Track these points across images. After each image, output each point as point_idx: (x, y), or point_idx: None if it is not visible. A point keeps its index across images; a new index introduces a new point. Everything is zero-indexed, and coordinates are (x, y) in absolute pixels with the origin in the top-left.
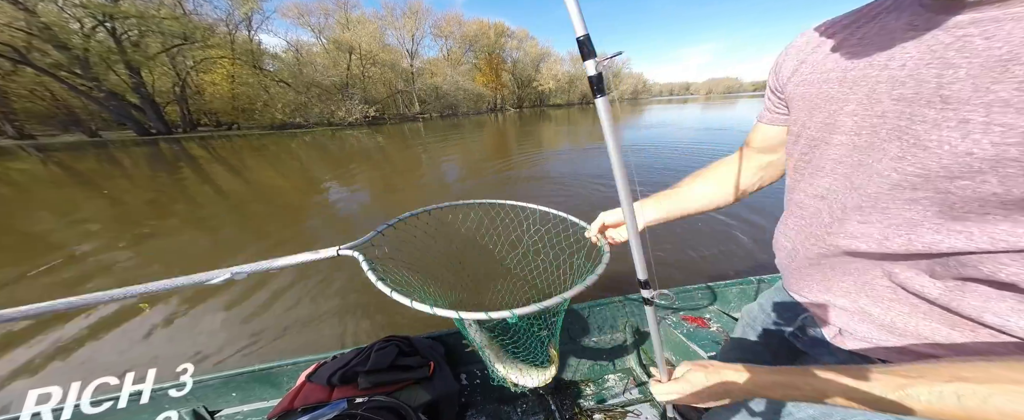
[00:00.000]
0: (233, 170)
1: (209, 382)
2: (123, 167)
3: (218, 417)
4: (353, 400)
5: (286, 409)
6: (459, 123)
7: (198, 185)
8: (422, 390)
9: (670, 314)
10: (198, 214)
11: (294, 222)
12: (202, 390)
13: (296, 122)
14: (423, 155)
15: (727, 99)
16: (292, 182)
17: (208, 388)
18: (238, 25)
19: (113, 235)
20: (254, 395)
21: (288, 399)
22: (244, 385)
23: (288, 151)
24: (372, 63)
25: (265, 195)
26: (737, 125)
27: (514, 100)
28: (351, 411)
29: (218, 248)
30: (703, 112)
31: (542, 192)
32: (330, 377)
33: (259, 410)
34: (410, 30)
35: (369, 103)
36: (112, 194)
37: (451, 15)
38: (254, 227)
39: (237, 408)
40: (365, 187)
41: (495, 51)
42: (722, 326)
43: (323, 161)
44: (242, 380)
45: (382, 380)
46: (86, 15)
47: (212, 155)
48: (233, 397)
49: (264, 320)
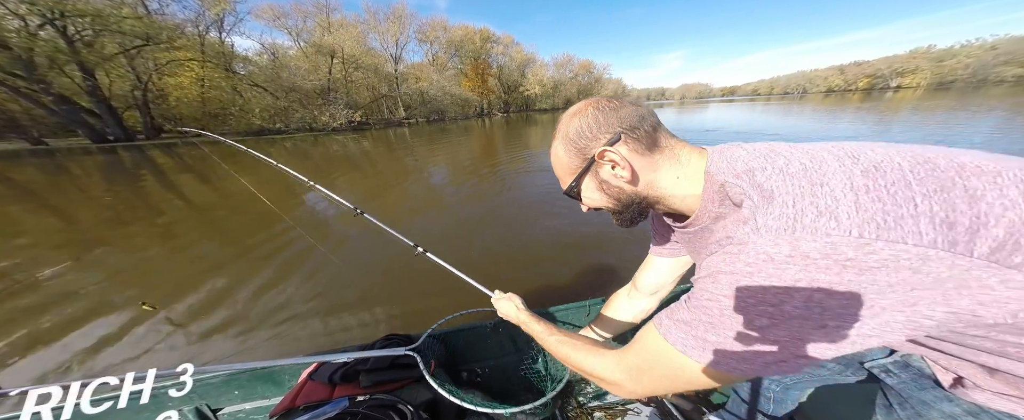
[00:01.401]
0: (202, 178)
1: (210, 380)
2: (73, 176)
3: (220, 415)
4: (354, 398)
5: (288, 407)
6: (447, 128)
7: (162, 193)
8: (423, 388)
9: None
10: (161, 224)
11: (266, 227)
12: (203, 388)
13: (276, 128)
14: (408, 158)
15: (699, 103)
16: (271, 189)
17: (209, 386)
18: (209, 26)
19: (58, 251)
20: (256, 393)
21: (290, 397)
22: (246, 383)
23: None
24: (355, 67)
25: (239, 203)
26: (725, 126)
27: (501, 105)
28: (352, 409)
29: (186, 261)
30: (679, 116)
31: (539, 183)
32: (331, 375)
33: (261, 408)
34: (394, 35)
35: (353, 108)
36: (59, 206)
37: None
38: (224, 235)
39: (239, 406)
40: (349, 190)
41: (481, 56)
42: None
43: (304, 168)
44: (244, 378)
45: (383, 379)
46: (31, 12)
47: (178, 163)
48: (235, 395)
49: (264, 321)
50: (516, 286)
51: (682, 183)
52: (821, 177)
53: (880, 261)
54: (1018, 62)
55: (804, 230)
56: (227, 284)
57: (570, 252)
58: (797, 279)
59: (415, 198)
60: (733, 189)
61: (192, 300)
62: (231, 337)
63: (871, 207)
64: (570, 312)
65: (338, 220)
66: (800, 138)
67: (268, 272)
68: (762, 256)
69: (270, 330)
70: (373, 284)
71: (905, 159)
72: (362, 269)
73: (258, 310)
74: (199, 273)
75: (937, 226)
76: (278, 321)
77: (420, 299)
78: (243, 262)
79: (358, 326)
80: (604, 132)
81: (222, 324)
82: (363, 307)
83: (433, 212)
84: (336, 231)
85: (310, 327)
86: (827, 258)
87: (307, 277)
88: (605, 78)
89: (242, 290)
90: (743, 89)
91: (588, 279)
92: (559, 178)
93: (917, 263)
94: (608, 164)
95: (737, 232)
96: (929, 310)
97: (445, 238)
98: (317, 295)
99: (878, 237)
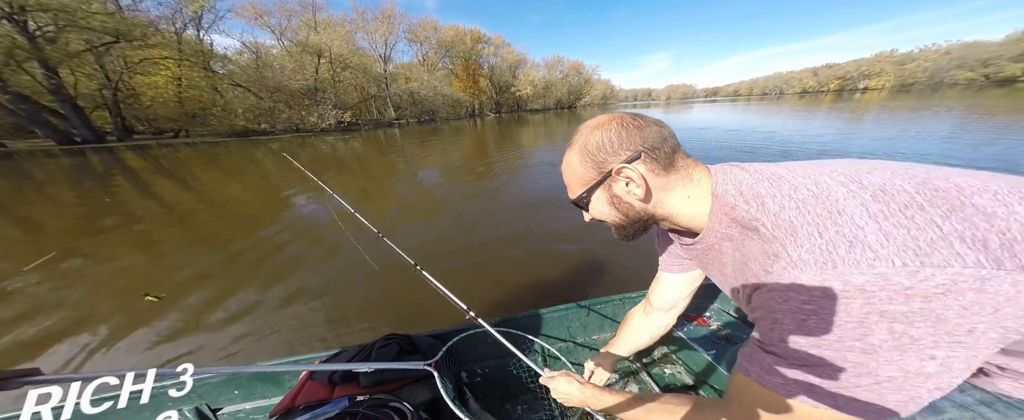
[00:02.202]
0: (180, 181)
1: (210, 380)
2: (36, 181)
3: (220, 415)
4: (354, 398)
5: (288, 407)
6: (438, 128)
7: (139, 199)
8: (423, 388)
9: None
10: (139, 230)
11: (251, 233)
12: (203, 388)
13: (262, 129)
14: (398, 160)
15: (684, 103)
16: (254, 193)
17: (210, 386)
18: (186, 24)
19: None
20: (256, 393)
21: (290, 397)
22: (246, 383)
23: (252, 159)
24: (343, 67)
25: (222, 207)
26: (718, 124)
27: (492, 105)
28: (352, 409)
29: (164, 269)
30: (666, 114)
31: (533, 176)
32: (331, 375)
33: (261, 408)
34: (383, 34)
35: (343, 108)
36: (20, 213)
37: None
38: (207, 240)
39: (239, 406)
40: (338, 192)
41: (472, 57)
42: (722, 323)
43: (289, 169)
44: (244, 378)
45: (383, 378)
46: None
47: (153, 165)
48: (235, 395)
49: (263, 319)
50: (515, 284)
51: (691, 203)
52: (834, 205)
53: (939, 286)
54: (968, 66)
55: (845, 264)
56: (216, 293)
57: (567, 253)
58: (867, 312)
59: (403, 198)
60: (743, 213)
61: (193, 300)
62: (231, 340)
63: (898, 234)
64: (570, 313)
65: (333, 222)
66: (787, 136)
67: (265, 276)
68: (816, 293)
69: (271, 331)
70: (375, 285)
71: (905, 181)
72: (364, 271)
73: (276, 308)
74: (187, 281)
75: (973, 246)
76: (279, 323)
77: (421, 303)
78: (233, 269)
79: (361, 328)
80: (625, 149)
81: (220, 323)
82: (366, 308)
83: (424, 215)
84: (333, 233)
85: (310, 328)
86: (885, 290)
87: (314, 276)
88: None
89: (243, 294)
90: (725, 90)
91: (591, 279)
92: (568, 186)
93: (978, 284)
94: (623, 180)
95: (773, 268)
96: (1015, 323)
97: (443, 252)
98: (324, 294)
99: (922, 264)
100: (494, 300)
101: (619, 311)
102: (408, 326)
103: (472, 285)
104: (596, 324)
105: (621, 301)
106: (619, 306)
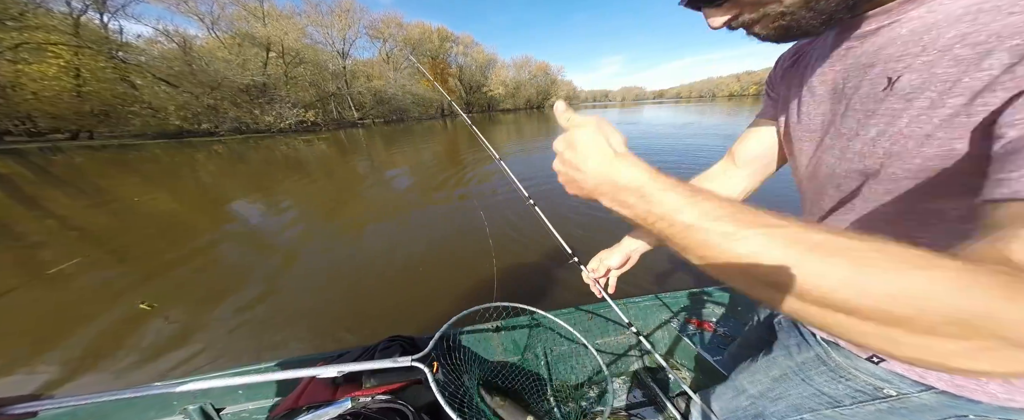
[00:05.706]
0: (89, 195)
1: (215, 380)
2: None
3: (223, 415)
4: (357, 399)
5: (291, 407)
6: (409, 128)
7: (36, 220)
8: (426, 389)
9: (678, 316)
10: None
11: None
12: (207, 388)
13: (201, 129)
14: (363, 163)
15: (637, 104)
16: (188, 205)
17: (214, 386)
18: (87, 6)
19: None
20: (260, 393)
21: (293, 397)
22: (249, 383)
23: (188, 165)
24: (297, 62)
25: (151, 224)
26: (696, 121)
27: (463, 105)
28: (354, 410)
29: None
30: (622, 115)
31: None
32: (335, 376)
33: (264, 408)
34: (341, 29)
35: (303, 107)
36: None
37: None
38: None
39: (243, 406)
40: (296, 206)
41: (440, 55)
42: (728, 330)
43: (238, 174)
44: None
45: (386, 379)
46: None
47: (42, 178)
48: (239, 395)
49: (265, 317)
50: (513, 285)
51: None
52: None
53: None
54: None
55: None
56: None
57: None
58: None
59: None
60: None
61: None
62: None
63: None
64: (572, 315)
65: (330, 223)
66: (728, 135)
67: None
68: None
69: (270, 334)
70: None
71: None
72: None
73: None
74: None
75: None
76: (294, 318)
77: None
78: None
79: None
80: None
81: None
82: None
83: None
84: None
85: (312, 330)
86: None
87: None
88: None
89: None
90: (669, 93)
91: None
92: None
93: None
94: None
95: None
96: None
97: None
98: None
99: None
100: None
101: (623, 314)
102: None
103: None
104: (599, 327)
105: (624, 305)
106: (623, 309)
